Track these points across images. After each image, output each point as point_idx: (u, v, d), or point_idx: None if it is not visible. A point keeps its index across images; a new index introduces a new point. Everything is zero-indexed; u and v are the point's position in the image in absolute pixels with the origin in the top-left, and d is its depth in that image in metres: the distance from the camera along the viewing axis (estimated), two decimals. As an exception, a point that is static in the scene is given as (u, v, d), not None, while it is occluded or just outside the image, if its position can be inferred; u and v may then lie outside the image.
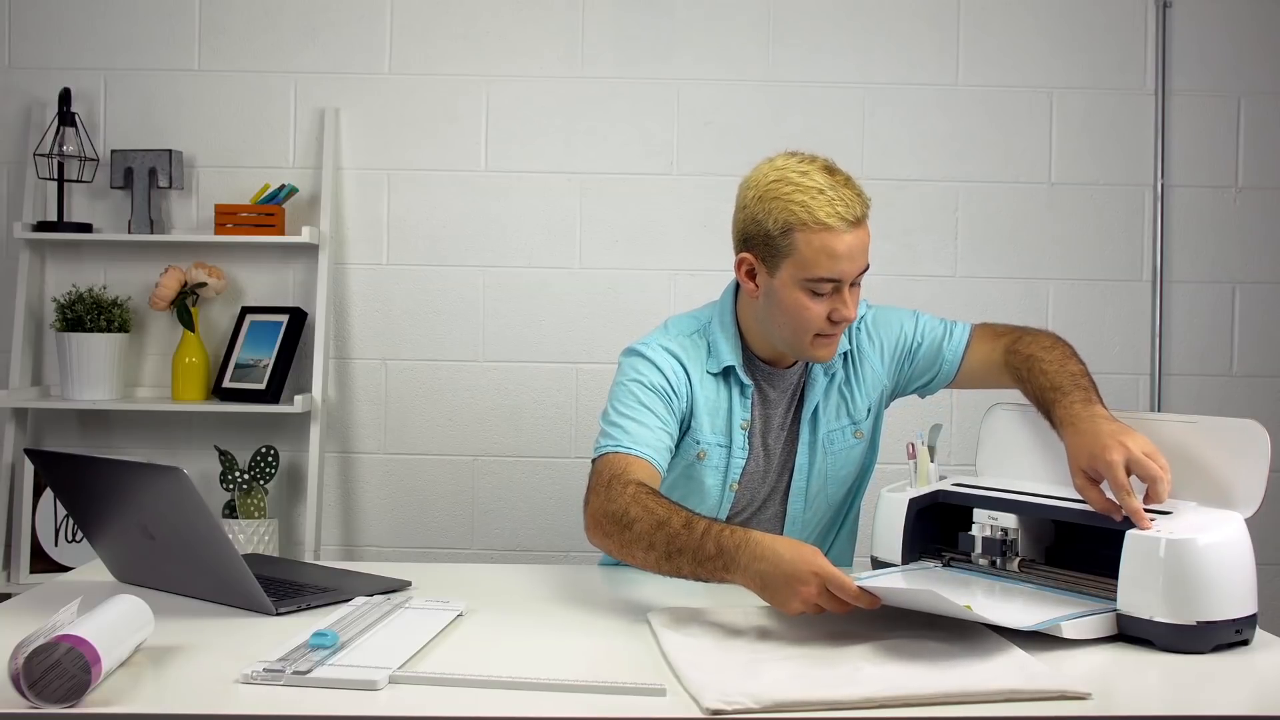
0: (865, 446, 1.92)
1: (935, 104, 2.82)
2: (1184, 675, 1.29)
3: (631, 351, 1.83)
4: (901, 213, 2.82)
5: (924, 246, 2.83)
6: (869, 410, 1.90)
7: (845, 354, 1.87)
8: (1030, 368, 1.75)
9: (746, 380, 1.81)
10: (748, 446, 1.82)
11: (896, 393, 1.96)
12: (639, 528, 1.54)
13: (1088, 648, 1.37)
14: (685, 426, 1.79)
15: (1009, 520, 1.60)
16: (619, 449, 1.69)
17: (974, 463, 1.82)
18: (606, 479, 1.65)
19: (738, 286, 1.85)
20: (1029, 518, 1.61)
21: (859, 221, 1.69)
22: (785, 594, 1.41)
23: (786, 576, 1.40)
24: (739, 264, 1.77)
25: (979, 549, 1.63)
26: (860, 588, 1.37)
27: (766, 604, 1.49)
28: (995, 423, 1.81)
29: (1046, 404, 1.67)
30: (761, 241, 1.72)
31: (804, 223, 1.66)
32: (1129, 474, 1.46)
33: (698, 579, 1.51)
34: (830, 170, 1.72)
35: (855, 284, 1.73)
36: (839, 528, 1.98)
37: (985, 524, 1.62)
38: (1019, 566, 1.60)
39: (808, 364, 1.85)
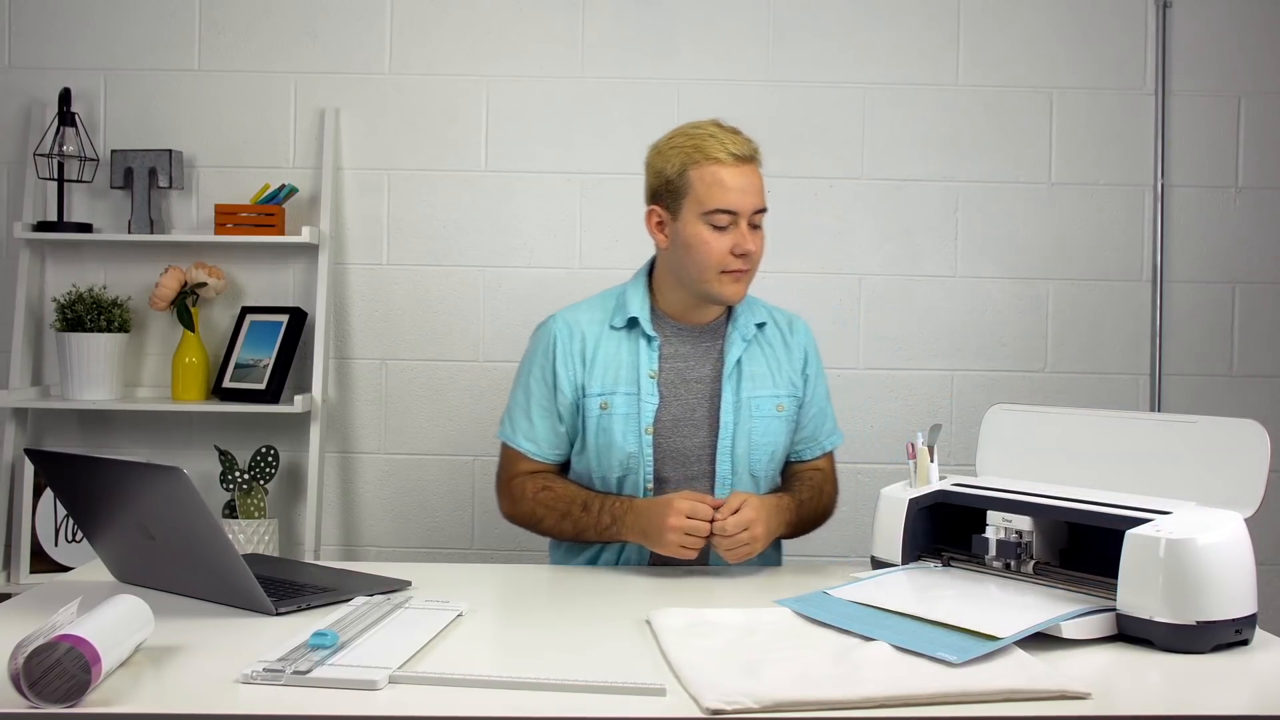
0: (787, 430, 1.98)
1: (935, 104, 2.83)
2: (1184, 675, 1.29)
3: (538, 328, 2.01)
4: (901, 213, 2.82)
5: (924, 246, 2.83)
6: (791, 396, 1.99)
7: (764, 326, 2.00)
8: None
9: (652, 333, 1.94)
10: (658, 394, 1.92)
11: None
12: (548, 523, 1.92)
13: (1088, 648, 1.37)
14: (582, 391, 1.94)
15: (1024, 523, 1.59)
16: (514, 444, 1.97)
17: (974, 463, 1.82)
18: (506, 478, 1.98)
19: (653, 262, 2.01)
20: (1043, 520, 1.59)
21: (747, 159, 1.87)
22: (658, 530, 1.75)
23: (655, 515, 1.76)
24: (648, 218, 1.95)
25: (993, 551, 1.61)
26: (706, 499, 1.75)
27: (765, 605, 1.51)
28: (995, 423, 1.81)
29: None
30: (664, 189, 1.91)
31: (696, 161, 1.86)
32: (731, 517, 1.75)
33: (603, 543, 1.90)
34: (719, 123, 1.91)
35: (756, 226, 1.89)
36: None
37: (1000, 526, 1.61)
38: (1034, 570, 1.58)
39: (726, 324, 1.97)
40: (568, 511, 1.89)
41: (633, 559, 1.93)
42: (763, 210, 1.89)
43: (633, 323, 1.94)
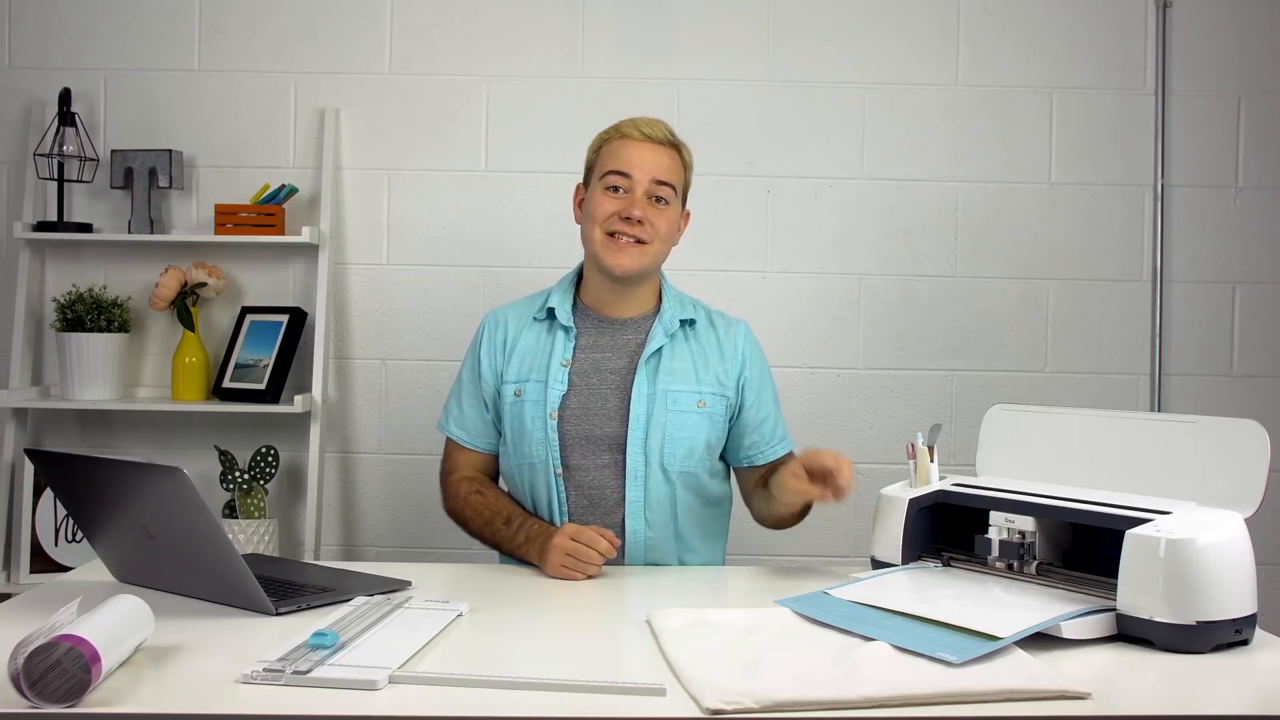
0: (710, 428, 1.97)
1: (935, 104, 2.83)
2: (1184, 675, 1.29)
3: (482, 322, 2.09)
4: (901, 213, 2.82)
5: (924, 246, 2.83)
6: (718, 395, 1.98)
7: (693, 323, 2.01)
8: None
9: (569, 324, 1.99)
10: (566, 382, 1.96)
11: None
12: (473, 525, 1.99)
13: (1088, 648, 1.37)
14: (501, 378, 2.01)
15: (1026, 523, 1.59)
16: (446, 430, 2.06)
17: (974, 463, 1.82)
18: (445, 473, 2.07)
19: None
20: (1046, 520, 1.59)
21: (658, 141, 1.97)
22: (549, 555, 1.77)
23: (549, 539, 1.79)
24: (574, 198, 2.08)
25: (996, 552, 1.61)
26: (600, 531, 1.76)
27: (765, 605, 1.51)
28: (995, 423, 1.81)
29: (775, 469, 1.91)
30: (586, 171, 2.04)
31: (608, 138, 2.01)
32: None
33: (517, 559, 1.90)
34: (642, 116, 2.02)
35: (663, 201, 1.95)
36: (689, 525, 1.99)
37: (1003, 526, 1.61)
38: (1037, 570, 1.58)
39: (653, 319, 1.99)
40: (491, 520, 1.95)
41: None
42: (664, 184, 1.95)
43: (552, 314, 2.00)
